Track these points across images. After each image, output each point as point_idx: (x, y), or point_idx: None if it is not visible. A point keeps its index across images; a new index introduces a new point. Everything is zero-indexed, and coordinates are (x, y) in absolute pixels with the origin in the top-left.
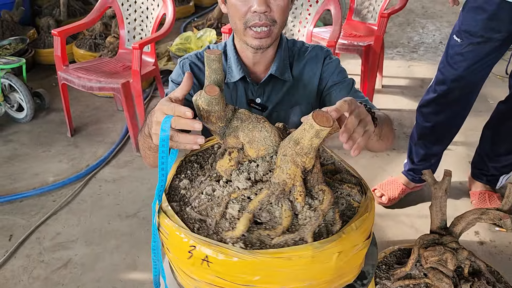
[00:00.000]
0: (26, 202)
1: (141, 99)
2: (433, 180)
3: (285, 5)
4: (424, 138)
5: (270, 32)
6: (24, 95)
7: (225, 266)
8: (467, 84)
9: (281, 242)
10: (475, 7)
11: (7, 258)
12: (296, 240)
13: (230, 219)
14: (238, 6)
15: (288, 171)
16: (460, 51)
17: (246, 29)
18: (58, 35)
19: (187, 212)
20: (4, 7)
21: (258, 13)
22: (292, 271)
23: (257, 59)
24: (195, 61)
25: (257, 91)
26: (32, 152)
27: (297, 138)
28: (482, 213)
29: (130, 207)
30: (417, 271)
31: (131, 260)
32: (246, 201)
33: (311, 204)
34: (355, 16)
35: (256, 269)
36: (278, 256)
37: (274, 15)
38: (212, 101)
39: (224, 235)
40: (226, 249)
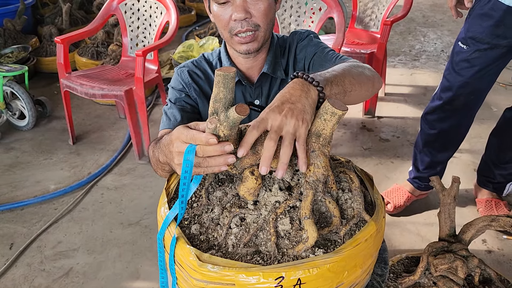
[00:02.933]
0: (27, 210)
1: (144, 106)
2: (441, 186)
3: (266, 8)
4: (430, 146)
5: (255, 36)
6: (26, 102)
7: (319, 279)
8: (473, 91)
9: (348, 231)
10: (482, 14)
11: (8, 267)
12: (356, 223)
13: (286, 235)
14: (220, 16)
15: (322, 164)
16: (466, 57)
17: (232, 37)
18: (61, 42)
19: (233, 253)
20: (7, 16)
21: (239, 20)
22: (366, 252)
23: (250, 64)
24: (192, 69)
25: (254, 93)
26: (34, 160)
27: (317, 131)
28: (492, 220)
29: (133, 215)
30: (426, 280)
31: (134, 268)
32: (292, 212)
33: (343, 187)
34: (357, 24)
35: (344, 266)
36: (358, 243)
37: (256, 20)
38: (237, 122)
39: (296, 252)
40: (316, 262)
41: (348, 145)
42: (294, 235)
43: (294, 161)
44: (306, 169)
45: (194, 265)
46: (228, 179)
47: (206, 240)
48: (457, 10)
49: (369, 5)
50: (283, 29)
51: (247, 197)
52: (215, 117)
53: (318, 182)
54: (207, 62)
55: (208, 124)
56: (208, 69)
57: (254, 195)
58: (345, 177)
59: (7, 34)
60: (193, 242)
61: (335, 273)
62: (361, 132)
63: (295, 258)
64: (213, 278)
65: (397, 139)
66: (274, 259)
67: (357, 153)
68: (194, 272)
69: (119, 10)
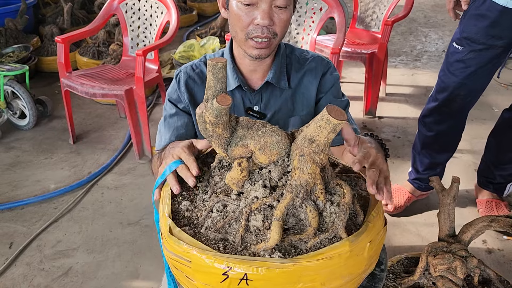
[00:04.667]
0: (27, 209)
1: (144, 106)
2: (441, 187)
3: (287, 19)
4: (428, 148)
5: (270, 43)
6: (27, 102)
7: (266, 281)
8: (468, 92)
9: (316, 244)
10: (477, 14)
11: (7, 266)
12: (331, 238)
13: (255, 231)
14: (241, 17)
15: (309, 170)
16: (461, 58)
17: (247, 39)
18: (62, 42)
19: (203, 234)
20: (8, 15)
21: (261, 26)
22: (332, 270)
23: (254, 67)
24: (190, 74)
25: (254, 99)
26: (34, 159)
27: (312, 137)
28: (492, 221)
29: (132, 214)
30: (425, 280)
31: (133, 268)
32: (268, 210)
33: (332, 200)
34: (358, 24)
35: (299, 276)
36: (320, 258)
37: (276, 28)
38: (221, 112)
39: (256, 249)
40: (266, 263)
41: None
42: (262, 233)
43: (286, 162)
44: (391, 203)
45: (166, 236)
46: (230, 166)
47: (188, 217)
48: (456, 12)
49: (370, 5)
50: None
51: (231, 186)
52: (204, 103)
53: (301, 187)
54: (206, 65)
55: (197, 109)
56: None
57: (238, 186)
58: (340, 190)
59: (9, 33)
60: (177, 216)
61: (287, 280)
62: (361, 132)
63: (253, 254)
64: (176, 250)
65: (398, 139)
66: (234, 249)
67: None
68: (165, 242)
69: (119, 9)
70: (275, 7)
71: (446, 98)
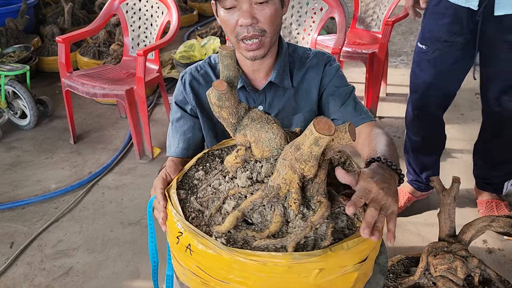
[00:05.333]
0: (28, 209)
1: (145, 106)
2: (441, 187)
3: (272, 14)
4: (417, 151)
5: (261, 43)
6: (27, 102)
7: (204, 258)
8: (439, 92)
9: (262, 246)
10: (436, 13)
11: (8, 265)
12: (278, 246)
13: (224, 214)
14: (227, 21)
15: (285, 175)
16: (427, 57)
17: (239, 42)
18: (63, 42)
19: (190, 201)
20: (9, 15)
21: (245, 26)
22: (267, 277)
23: (256, 67)
24: (195, 75)
25: (258, 99)
26: (35, 159)
27: (298, 144)
28: (492, 221)
29: (133, 214)
30: (425, 280)
31: (134, 268)
32: (242, 199)
33: (305, 214)
34: (359, 24)
35: (230, 267)
36: (253, 259)
37: (262, 25)
38: (221, 97)
39: (212, 229)
40: (207, 241)
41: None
42: (226, 217)
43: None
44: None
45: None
46: None
47: (194, 185)
48: (415, 10)
49: (371, 5)
50: (284, 28)
51: (228, 168)
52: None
53: (272, 189)
54: (211, 67)
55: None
56: (211, 74)
57: (232, 170)
58: (315, 205)
59: (10, 33)
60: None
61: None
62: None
63: (207, 232)
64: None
65: (399, 139)
66: (198, 221)
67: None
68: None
69: (120, 9)
70: (255, 4)
71: (419, 99)
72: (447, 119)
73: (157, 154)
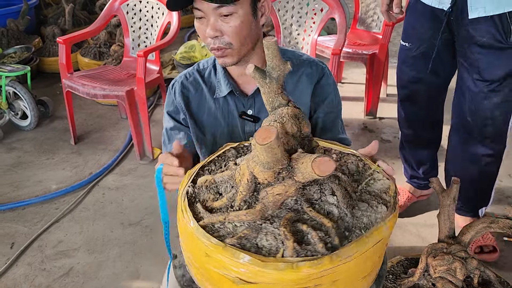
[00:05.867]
0: (28, 209)
1: (145, 106)
2: (440, 188)
3: (237, 27)
4: (411, 146)
5: (230, 53)
6: (28, 102)
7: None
8: (429, 86)
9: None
10: (416, 11)
11: (9, 266)
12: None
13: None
14: (199, 30)
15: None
16: (412, 54)
17: (212, 51)
18: (63, 43)
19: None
20: (10, 16)
21: (211, 38)
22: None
23: (241, 71)
24: (184, 83)
25: (248, 103)
26: (36, 160)
27: None
28: (492, 222)
29: (133, 215)
30: (425, 281)
31: (134, 268)
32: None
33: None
34: (359, 25)
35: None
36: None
37: (227, 38)
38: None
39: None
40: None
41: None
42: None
43: None
44: None
45: None
46: None
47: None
48: (389, 15)
49: (371, 6)
50: (284, 29)
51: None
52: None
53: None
54: (200, 74)
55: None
56: (200, 81)
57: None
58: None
59: (10, 34)
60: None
61: None
62: (362, 133)
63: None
64: None
65: (399, 140)
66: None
67: None
68: None
69: (121, 10)
70: (221, 16)
71: (408, 94)
72: (445, 119)
73: (158, 154)
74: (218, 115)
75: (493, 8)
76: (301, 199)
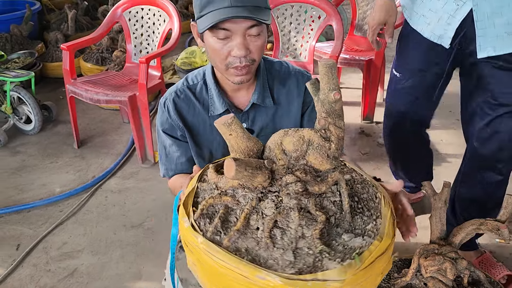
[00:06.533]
0: (33, 212)
1: (147, 111)
2: (432, 191)
3: (262, 44)
4: (402, 167)
5: (250, 69)
6: (32, 107)
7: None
8: (414, 117)
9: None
10: (410, 41)
11: (15, 267)
12: None
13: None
14: (218, 51)
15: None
16: (401, 85)
17: (228, 69)
18: (67, 49)
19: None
20: (14, 22)
21: (239, 57)
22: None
23: (237, 87)
24: (177, 102)
25: (242, 117)
26: (40, 163)
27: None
28: (481, 224)
29: (136, 217)
30: (417, 281)
31: (136, 269)
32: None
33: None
34: (356, 31)
35: None
36: None
37: (253, 55)
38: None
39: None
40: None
41: (347, 150)
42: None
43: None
44: None
45: None
46: None
47: None
48: (378, 43)
49: (368, 12)
50: (283, 36)
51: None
52: None
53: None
54: (190, 90)
55: None
56: (192, 97)
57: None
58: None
59: (14, 39)
60: None
61: None
62: (359, 138)
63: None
64: None
65: None
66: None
67: (356, 158)
68: None
69: (123, 17)
70: (249, 36)
71: (394, 125)
72: (442, 124)
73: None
74: (214, 130)
75: (503, 47)
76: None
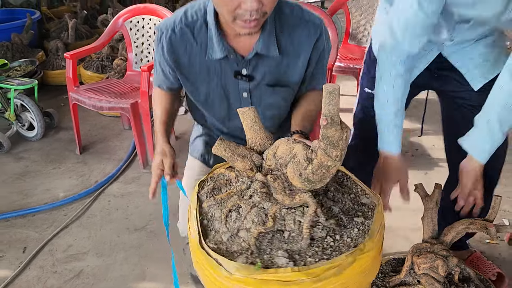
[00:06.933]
0: (38, 216)
1: (148, 118)
2: (424, 193)
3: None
4: None
5: (260, 22)
6: (35, 114)
7: None
8: None
9: None
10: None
11: (22, 269)
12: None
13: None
14: (230, 3)
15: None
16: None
17: (235, 20)
18: (70, 58)
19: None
20: (14, 31)
21: (250, 10)
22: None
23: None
24: (172, 38)
25: (243, 64)
26: (43, 169)
27: None
28: (470, 223)
29: (138, 220)
30: (410, 278)
31: (140, 271)
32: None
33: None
34: (350, 40)
35: None
36: None
37: (265, 8)
38: None
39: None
40: None
41: None
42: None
43: None
44: None
45: None
46: None
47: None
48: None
49: (362, 22)
50: None
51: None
52: None
53: None
54: (189, 28)
55: None
56: (191, 38)
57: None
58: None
59: (15, 48)
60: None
61: None
62: None
63: None
64: None
65: None
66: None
67: None
68: None
69: (124, 27)
70: None
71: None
72: (434, 130)
73: None
74: (210, 71)
75: (492, 71)
76: None
